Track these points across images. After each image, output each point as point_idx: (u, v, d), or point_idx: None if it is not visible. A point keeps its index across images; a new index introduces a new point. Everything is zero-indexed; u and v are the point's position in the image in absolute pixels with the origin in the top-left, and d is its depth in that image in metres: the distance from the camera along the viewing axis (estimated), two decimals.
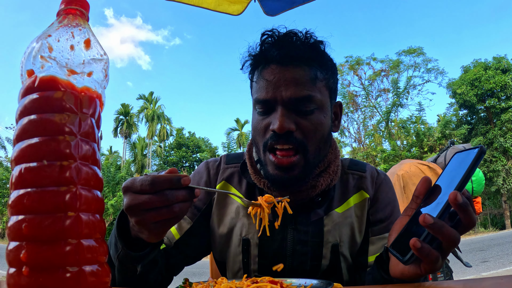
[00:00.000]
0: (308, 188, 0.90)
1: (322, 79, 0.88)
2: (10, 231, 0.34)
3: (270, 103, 0.85)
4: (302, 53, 0.86)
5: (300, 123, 0.84)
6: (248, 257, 0.94)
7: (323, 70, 0.89)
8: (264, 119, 0.87)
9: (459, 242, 0.59)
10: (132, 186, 0.60)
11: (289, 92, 0.83)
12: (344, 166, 1.03)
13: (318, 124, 0.86)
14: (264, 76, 0.87)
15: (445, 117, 26.13)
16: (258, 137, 0.90)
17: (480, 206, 3.37)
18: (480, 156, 0.59)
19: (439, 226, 0.56)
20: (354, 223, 0.95)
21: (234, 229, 0.96)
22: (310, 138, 0.85)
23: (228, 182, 1.01)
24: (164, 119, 39.40)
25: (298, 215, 0.92)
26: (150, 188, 0.58)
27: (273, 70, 0.86)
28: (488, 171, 23.11)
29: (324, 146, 0.90)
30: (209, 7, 1.68)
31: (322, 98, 0.88)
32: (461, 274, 5.96)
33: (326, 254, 0.92)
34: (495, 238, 15.31)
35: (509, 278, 0.55)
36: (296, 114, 0.85)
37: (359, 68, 27.80)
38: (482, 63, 24.84)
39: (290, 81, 0.84)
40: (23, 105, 0.36)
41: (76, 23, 0.39)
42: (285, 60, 0.86)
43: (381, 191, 0.99)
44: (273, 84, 0.85)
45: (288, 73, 0.85)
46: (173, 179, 0.59)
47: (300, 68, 0.85)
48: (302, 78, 0.85)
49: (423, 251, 0.57)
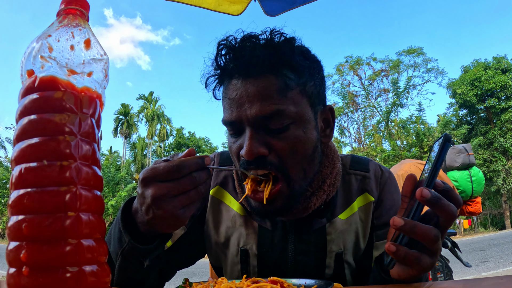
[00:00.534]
0: (299, 210, 0.82)
1: (295, 86, 0.74)
2: (10, 231, 0.34)
3: (237, 123, 0.74)
4: (265, 60, 0.72)
5: (272, 144, 0.72)
6: (247, 267, 0.88)
7: (295, 75, 0.75)
8: (236, 142, 0.77)
9: (439, 238, 0.57)
10: (156, 175, 0.57)
11: (253, 110, 0.71)
12: (346, 166, 0.93)
13: (296, 142, 0.73)
14: (227, 94, 0.76)
15: (445, 117, 26.17)
16: (234, 158, 0.79)
17: (480, 206, 3.37)
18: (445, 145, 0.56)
19: (410, 227, 0.55)
20: (358, 228, 0.89)
21: (231, 238, 0.90)
22: (288, 160, 0.73)
23: (222, 187, 0.93)
24: (164, 119, 39.39)
25: (299, 223, 0.86)
26: (178, 174, 0.56)
27: (235, 86, 0.74)
28: (488, 171, 23.11)
29: (310, 166, 0.78)
30: (209, 7, 1.68)
31: (298, 109, 0.74)
32: (461, 274, 5.95)
33: (330, 264, 0.86)
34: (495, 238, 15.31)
35: (509, 278, 0.55)
36: (267, 134, 0.73)
37: (359, 68, 27.82)
38: (482, 63, 24.86)
39: (253, 97, 0.72)
40: (23, 105, 0.36)
41: (76, 23, 0.39)
42: (246, 72, 0.73)
43: (386, 192, 0.92)
44: (236, 102, 0.73)
45: (251, 87, 0.72)
46: (198, 161, 0.58)
47: (265, 79, 0.72)
48: (267, 91, 0.72)
49: (399, 254, 0.56)
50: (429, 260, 0.58)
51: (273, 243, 0.87)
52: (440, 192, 0.57)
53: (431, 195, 0.54)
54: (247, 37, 0.76)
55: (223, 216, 0.91)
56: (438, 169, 0.56)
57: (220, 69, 0.78)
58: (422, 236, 0.55)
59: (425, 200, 0.54)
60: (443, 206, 0.55)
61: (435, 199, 0.54)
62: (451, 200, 0.57)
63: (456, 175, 3.28)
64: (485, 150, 24.22)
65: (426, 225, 0.56)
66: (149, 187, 0.57)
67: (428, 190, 0.54)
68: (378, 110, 28.18)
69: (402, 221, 0.55)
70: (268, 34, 0.76)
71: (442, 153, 0.56)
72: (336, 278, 0.88)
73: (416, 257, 0.56)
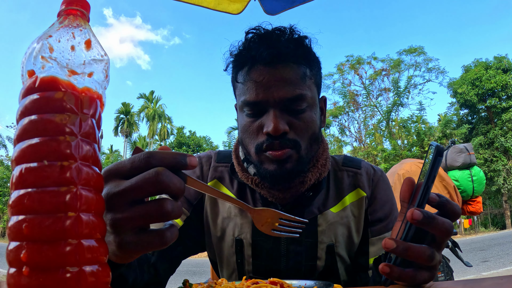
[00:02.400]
0: (297, 184, 0.87)
1: (311, 76, 0.86)
2: (10, 231, 0.34)
3: (261, 104, 0.82)
4: (290, 51, 0.83)
5: (293, 123, 0.82)
6: (242, 257, 0.91)
7: (310, 67, 0.87)
8: (255, 121, 0.84)
9: (434, 256, 0.54)
10: (119, 168, 0.42)
11: (281, 92, 0.80)
12: (339, 163, 1.00)
13: (310, 122, 0.84)
14: (252, 77, 0.83)
15: (446, 117, 26.14)
16: (249, 140, 0.86)
17: (481, 206, 3.36)
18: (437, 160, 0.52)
19: (402, 249, 0.53)
20: (351, 223, 0.92)
21: (226, 230, 0.93)
22: (303, 136, 0.83)
23: (219, 181, 0.97)
24: (165, 118, 39.43)
25: (291, 213, 0.89)
26: (146, 165, 0.40)
27: (262, 71, 0.82)
28: (488, 171, 23.09)
29: (315, 142, 0.88)
30: (209, 6, 1.67)
31: (312, 95, 0.86)
32: (461, 274, 5.96)
33: (321, 255, 0.90)
34: (495, 237, 15.30)
35: (509, 278, 0.55)
36: (288, 114, 0.82)
37: (360, 68, 27.79)
38: (483, 63, 24.83)
39: (280, 81, 0.81)
40: (24, 106, 0.36)
41: (77, 24, 0.39)
42: (273, 60, 0.82)
43: (379, 188, 0.96)
44: (263, 85, 0.81)
45: (278, 73, 0.82)
46: (177, 156, 0.41)
47: (290, 67, 0.83)
48: (292, 77, 0.82)
49: (393, 275, 0.55)
50: (427, 275, 0.56)
51: None
52: (435, 207, 0.56)
53: (422, 216, 0.52)
54: (274, 29, 0.87)
55: (219, 208, 0.95)
56: (430, 186, 0.53)
57: (248, 54, 0.85)
58: (416, 258, 0.54)
59: (417, 222, 0.52)
60: (436, 225, 0.53)
61: (428, 219, 0.52)
62: (448, 213, 0.56)
63: (457, 174, 3.28)
64: (486, 149, 24.20)
65: (420, 245, 0.54)
66: (107, 184, 0.42)
67: (420, 211, 0.52)
68: (379, 109, 28.17)
69: (394, 244, 0.54)
70: (289, 29, 0.87)
71: (433, 169, 0.53)
72: (328, 271, 0.91)
73: (411, 276, 0.55)
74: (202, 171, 0.99)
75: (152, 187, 0.39)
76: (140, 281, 0.75)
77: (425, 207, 0.54)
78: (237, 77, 0.88)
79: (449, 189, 3.00)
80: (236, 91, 0.91)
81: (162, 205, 0.39)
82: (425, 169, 0.55)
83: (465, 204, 3.35)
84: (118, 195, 0.40)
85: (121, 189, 0.40)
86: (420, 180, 0.57)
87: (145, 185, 0.39)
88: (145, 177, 0.39)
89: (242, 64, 0.87)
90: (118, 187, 0.40)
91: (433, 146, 0.53)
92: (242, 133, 0.88)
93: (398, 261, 0.55)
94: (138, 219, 0.40)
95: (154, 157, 0.41)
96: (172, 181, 0.39)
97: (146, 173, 0.39)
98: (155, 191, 0.39)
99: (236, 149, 0.98)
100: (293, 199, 0.90)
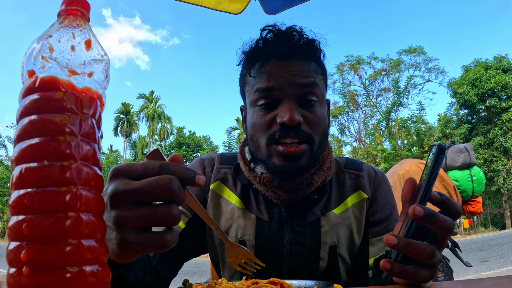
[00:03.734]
0: (303, 186, 0.87)
1: (321, 73, 0.90)
2: (10, 231, 0.34)
3: (275, 92, 0.83)
4: (304, 48, 0.87)
5: (306, 115, 0.83)
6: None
7: (320, 66, 0.90)
8: (267, 114, 0.84)
9: (435, 254, 0.55)
10: (130, 169, 0.43)
11: (295, 78, 0.83)
12: (340, 165, 1.00)
13: (322, 116, 0.86)
14: (266, 69, 0.85)
15: (446, 117, 26.12)
16: (260, 133, 0.85)
17: (481, 206, 3.36)
18: (439, 157, 0.53)
19: (404, 245, 0.54)
20: (352, 224, 0.93)
21: (229, 231, 0.93)
22: (316, 130, 0.84)
23: (222, 182, 0.97)
24: (165, 118, 39.41)
25: (295, 215, 0.91)
26: (158, 174, 0.42)
27: (275, 64, 0.85)
28: (488, 171, 23.10)
29: (325, 139, 0.90)
30: (209, 6, 1.67)
31: (322, 91, 0.88)
32: (461, 274, 5.96)
33: (323, 256, 0.90)
34: (495, 237, 15.31)
35: (509, 278, 0.55)
36: (301, 107, 0.84)
37: (359, 68, 27.76)
38: (483, 63, 24.82)
39: (294, 71, 0.84)
40: (24, 106, 0.36)
41: (77, 24, 0.39)
42: (287, 55, 0.85)
43: (380, 190, 0.97)
44: (277, 75, 0.84)
45: (291, 66, 0.84)
46: (188, 173, 0.43)
47: (303, 62, 0.86)
48: (305, 69, 0.85)
49: (393, 272, 0.55)
50: (427, 273, 0.57)
51: (270, 233, 0.90)
52: (437, 204, 0.56)
53: (424, 212, 0.52)
54: (289, 28, 0.90)
55: (222, 210, 0.95)
56: (432, 183, 0.54)
57: (263, 48, 0.88)
58: (416, 254, 0.54)
59: (419, 218, 0.52)
60: (437, 222, 0.54)
61: (429, 216, 0.53)
62: (448, 211, 0.56)
63: (457, 174, 3.27)
64: (486, 149, 24.20)
65: (421, 242, 0.54)
66: (114, 181, 0.43)
67: (421, 207, 0.52)
68: (379, 109, 28.15)
69: (395, 240, 0.54)
70: (301, 30, 0.90)
71: (435, 167, 0.54)
72: (330, 271, 0.92)
73: (412, 273, 0.55)
74: (205, 172, 0.99)
75: (162, 193, 0.41)
76: (141, 283, 0.75)
77: (426, 205, 0.55)
78: (250, 72, 0.89)
79: (449, 189, 3.00)
80: (247, 87, 0.91)
81: (171, 210, 0.41)
82: (427, 167, 0.56)
83: (465, 204, 3.35)
84: (127, 194, 0.41)
85: (130, 188, 0.41)
86: (421, 181, 0.58)
87: (156, 189, 0.41)
88: (158, 181, 0.41)
89: (256, 58, 0.89)
90: (127, 186, 0.42)
91: (436, 145, 0.55)
92: (252, 128, 0.88)
93: (399, 258, 0.56)
94: (145, 219, 0.41)
95: (168, 169, 0.43)
96: (181, 192, 0.42)
97: (159, 178, 0.41)
98: (163, 197, 0.41)
99: (242, 151, 0.98)
100: (297, 201, 0.90)
